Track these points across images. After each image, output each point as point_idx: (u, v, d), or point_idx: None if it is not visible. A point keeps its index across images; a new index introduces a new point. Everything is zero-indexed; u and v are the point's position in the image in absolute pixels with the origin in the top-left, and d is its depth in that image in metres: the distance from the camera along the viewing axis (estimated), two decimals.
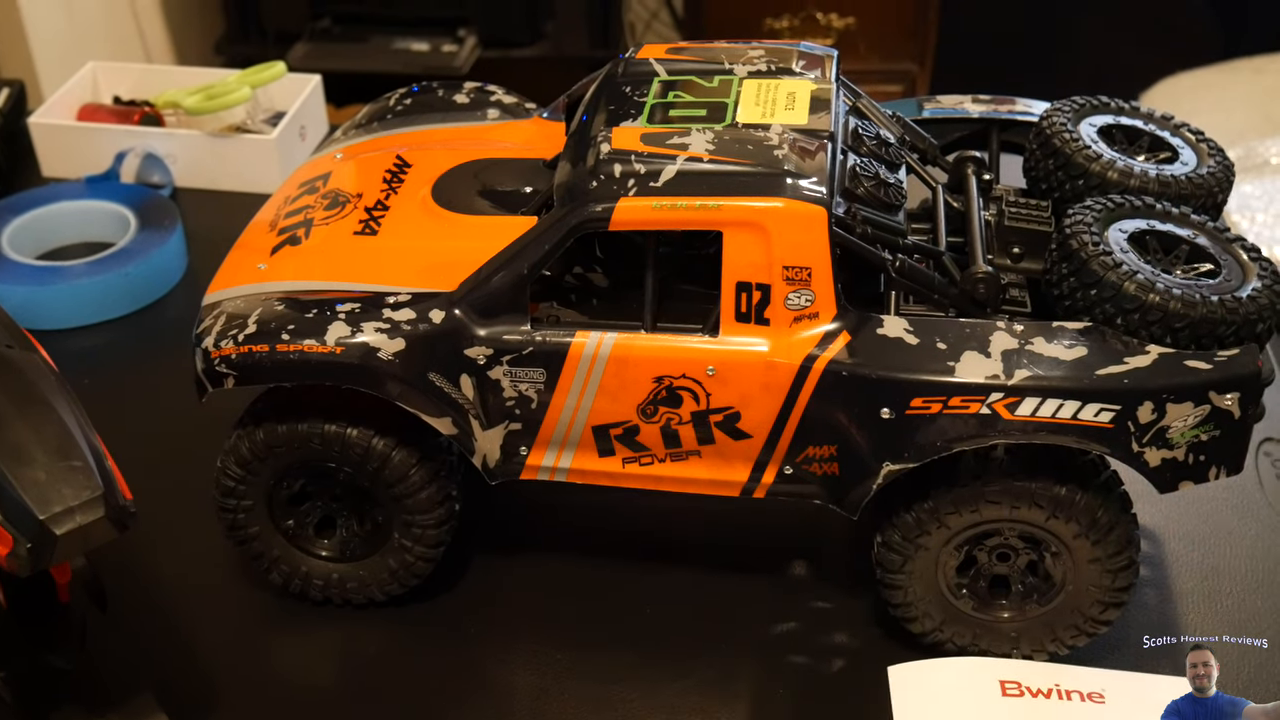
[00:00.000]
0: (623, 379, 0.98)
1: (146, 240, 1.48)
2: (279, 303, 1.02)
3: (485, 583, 1.13)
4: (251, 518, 1.06)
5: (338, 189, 1.13)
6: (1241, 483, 1.18)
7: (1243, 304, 0.93)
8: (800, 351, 0.96)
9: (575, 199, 0.97)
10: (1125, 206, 1.01)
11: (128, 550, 1.06)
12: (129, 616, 1.06)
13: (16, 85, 1.78)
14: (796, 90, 1.04)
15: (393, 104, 1.28)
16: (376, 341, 0.98)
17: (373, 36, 2.87)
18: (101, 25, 2.58)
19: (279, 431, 1.02)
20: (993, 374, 0.93)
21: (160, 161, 1.62)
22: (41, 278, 1.43)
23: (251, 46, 2.83)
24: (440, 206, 1.09)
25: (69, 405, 0.90)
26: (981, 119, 1.20)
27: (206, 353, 1.01)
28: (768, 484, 1.01)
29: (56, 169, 1.67)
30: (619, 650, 1.06)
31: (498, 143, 1.19)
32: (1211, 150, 1.11)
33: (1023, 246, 1.06)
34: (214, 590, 1.13)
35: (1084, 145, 1.08)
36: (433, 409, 0.99)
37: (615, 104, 1.04)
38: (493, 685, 1.05)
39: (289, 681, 1.06)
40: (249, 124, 1.64)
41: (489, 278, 0.99)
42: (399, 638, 1.08)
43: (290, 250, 1.08)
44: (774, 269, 0.95)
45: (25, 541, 0.82)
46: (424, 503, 1.03)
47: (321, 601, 1.09)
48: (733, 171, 0.96)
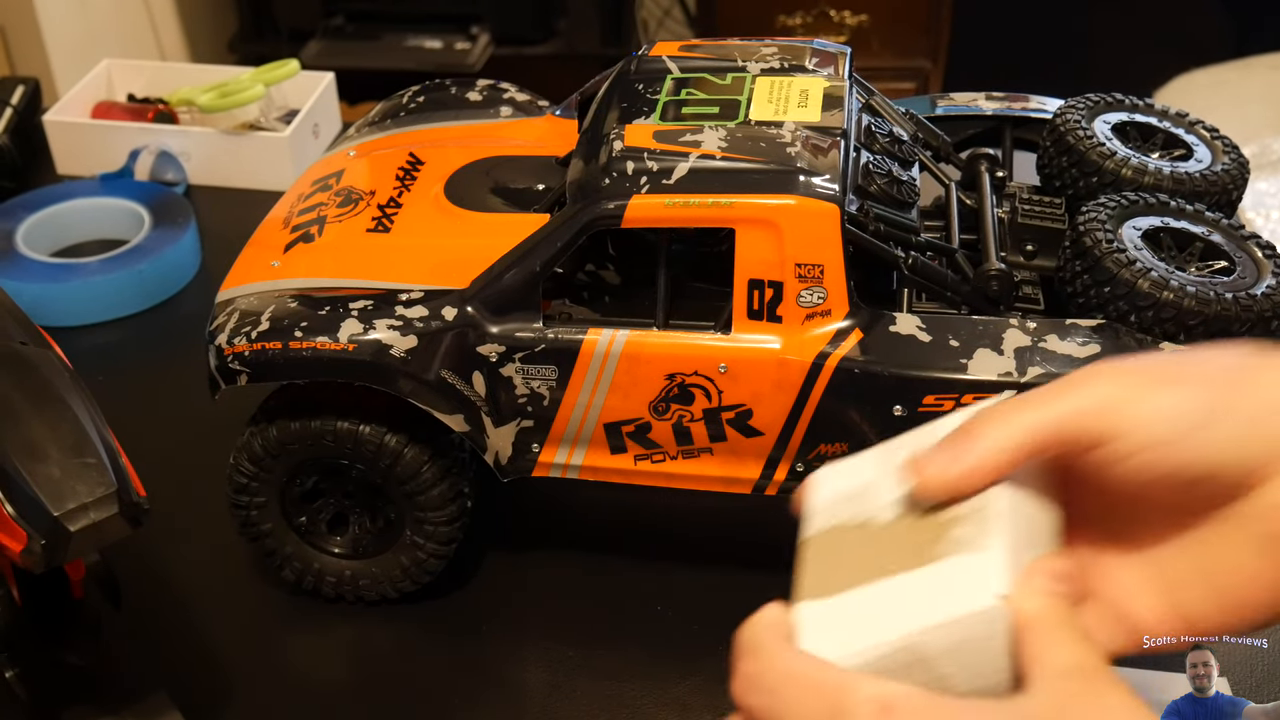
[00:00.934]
0: (635, 376, 0.98)
1: (160, 237, 1.48)
2: (292, 300, 1.02)
3: (497, 580, 1.13)
4: (264, 515, 1.06)
5: (351, 186, 1.13)
6: None
7: (1257, 301, 0.93)
8: (812, 349, 0.96)
9: (587, 196, 0.97)
10: (1139, 204, 1.01)
11: (141, 547, 1.06)
12: (142, 613, 1.06)
13: (31, 83, 1.79)
14: (809, 88, 1.04)
15: (405, 101, 1.28)
16: (389, 339, 0.98)
17: (386, 34, 2.87)
18: (116, 23, 2.59)
19: (292, 428, 1.02)
20: (1005, 371, 0.93)
21: (174, 159, 1.63)
22: (56, 275, 1.44)
23: (265, 44, 2.84)
24: (453, 204, 1.09)
25: (83, 402, 0.90)
26: (995, 116, 1.20)
27: (220, 350, 1.01)
28: (780, 481, 1.01)
29: (71, 166, 1.68)
30: (630, 647, 1.06)
31: (510, 140, 1.19)
32: (1226, 147, 1.10)
33: (1036, 244, 1.06)
34: (227, 587, 1.13)
35: (1098, 142, 1.08)
36: (445, 406, 1.00)
37: (628, 101, 1.04)
38: (505, 682, 1.05)
39: (301, 677, 1.07)
40: (262, 122, 1.64)
41: (501, 275, 0.99)
42: (411, 634, 1.08)
43: (303, 247, 1.08)
44: (786, 266, 0.95)
45: (39, 538, 0.82)
46: (436, 500, 1.03)
47: (334, 598, 1.10)
48: (745, 169, 0.95)
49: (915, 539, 0.61)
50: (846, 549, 0.63)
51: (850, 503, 0.65)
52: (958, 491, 0.60)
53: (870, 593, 0.60)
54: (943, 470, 0.60)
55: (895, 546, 0.61)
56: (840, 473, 0.67)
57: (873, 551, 0.62)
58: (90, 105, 1.71)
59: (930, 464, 0.61)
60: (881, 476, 0.65)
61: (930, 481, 0.60)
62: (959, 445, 0.60)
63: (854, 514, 0.64)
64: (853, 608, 0.60)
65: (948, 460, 0.60)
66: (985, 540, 0.58)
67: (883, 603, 0.59)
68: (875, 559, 0.61)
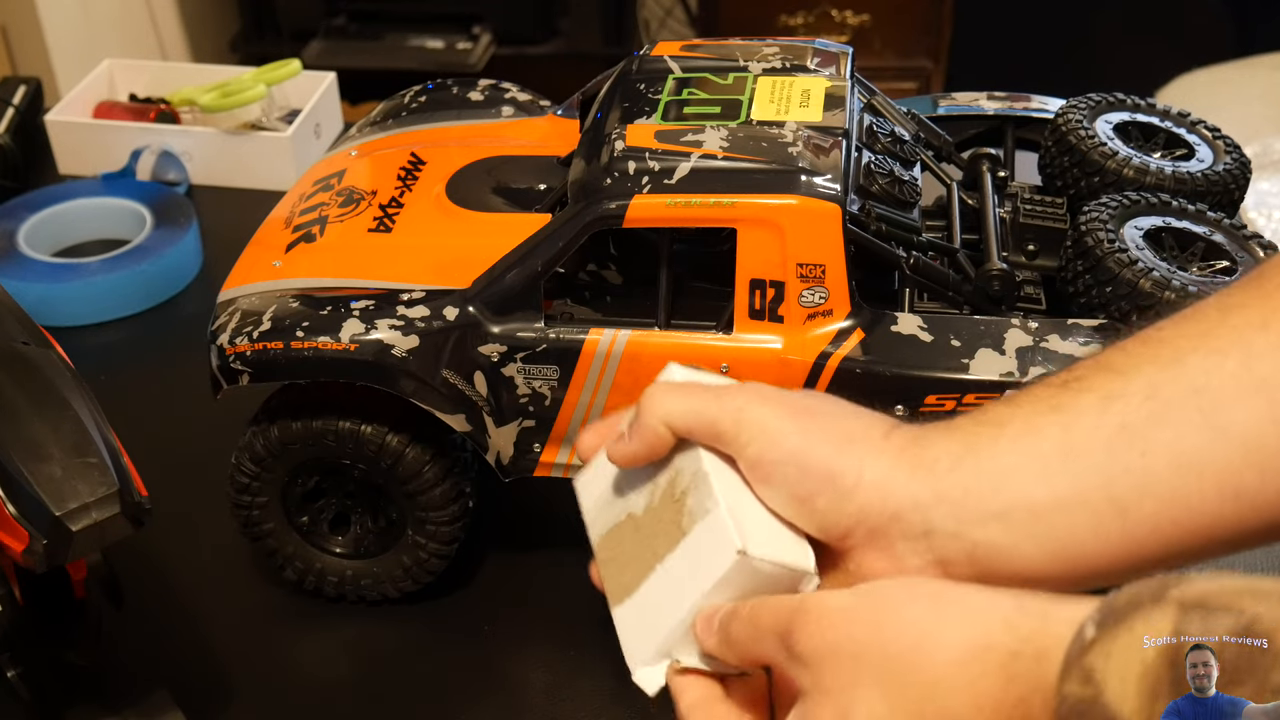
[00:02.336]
0: (636, 376, 0.98)
1: (162, 237, 1.48)
2: (294, 300, 1.02)
3: (499, 579, 1.13)
4: (266, 514, 1.06)
5: (352, 186, 1.13)
6: None
7: None
8: (814, 349, 0.96)
9: (589, 196, 0.97)
10: (1141, 203, 1.01)
11: (143, 547, 1.07)
12: (144, 613, 1.06)
13: (33, 83, 1.79)
14: (811, 87, 1.04)
15: (407, 101, 1.28)
16: (390, 338, 0.98)
17: (387, 34, 2.88)
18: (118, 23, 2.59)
19: (293, 428, 1.02)
20: (1007, 371, 0.93)
21: (176, 159, 1.63)
22: (57, 274, 1.44)
23: (267, 44, 2.84)
24: (454, 204, 1.09)
25: (85, 402, 0.90)
26: (996, 116, 1.20)
27: (221, 349, 1.01)
28: None
29: (72, 166, 1.68)
30: None
31: (512, 140, 1.19)
32: (1228, 147, 1.10)
33: (1038, 243, 1.06)
34: (229, 587, 1.13)
35: (1100, 142, 1.08)
36: (446, 406, 1.00)
37: (629, 101, 1.04)
38: (506, 682, 1.05)
39: (303, 677, 1.07)
40: (264, 121, 1.64)
41: (503, 275, 0.99)
42: (413, 634, 1.08)
43: (305, 247, 1.08)
44: (788, 266, 0.95)
45: (41, 538, 0.82)
46: (437, 499, 1.03)
47: (335, 598, 1.10)
48: (747, 169, 0.95)
49: (667, 517, 0.68)
50: (625, 545, 0.70)
51: (611, 504, 0.71)
52: (639, 459, 0.69)
53: (654, 582, 0.68)
54: (626, 449, 0.69)
55: (656, 530, 0.68)
56: (593, 478, 0.73)
57: (643, 541, 0.69)
58: (92, 105, 1.71)
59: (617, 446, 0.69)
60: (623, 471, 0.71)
61: (618, 458, 0.69)
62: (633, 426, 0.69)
63: (617, 513, 0.71)
64: (647, 601, 0.68)
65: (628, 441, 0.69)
66: (708, 502, 0.65)
67: (665, 587, 0.67)
68: (647, 547, 0.69)
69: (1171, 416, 0.61)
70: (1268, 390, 0.59)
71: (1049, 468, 0.62)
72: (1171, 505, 0.60)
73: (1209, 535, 0.61)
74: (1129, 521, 0.61)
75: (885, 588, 0.60)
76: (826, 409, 0.68)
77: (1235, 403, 0.60)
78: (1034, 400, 0.65)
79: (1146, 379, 0.62)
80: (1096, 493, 0.61)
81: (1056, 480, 0.62)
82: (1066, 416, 0.63)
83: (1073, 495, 0.62)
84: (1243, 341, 0.61)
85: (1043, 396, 0.65)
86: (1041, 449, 0.63)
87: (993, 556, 0.63)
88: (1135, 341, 0.65)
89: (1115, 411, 0.62)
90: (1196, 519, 0.60)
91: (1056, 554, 0.62)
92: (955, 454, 0.64)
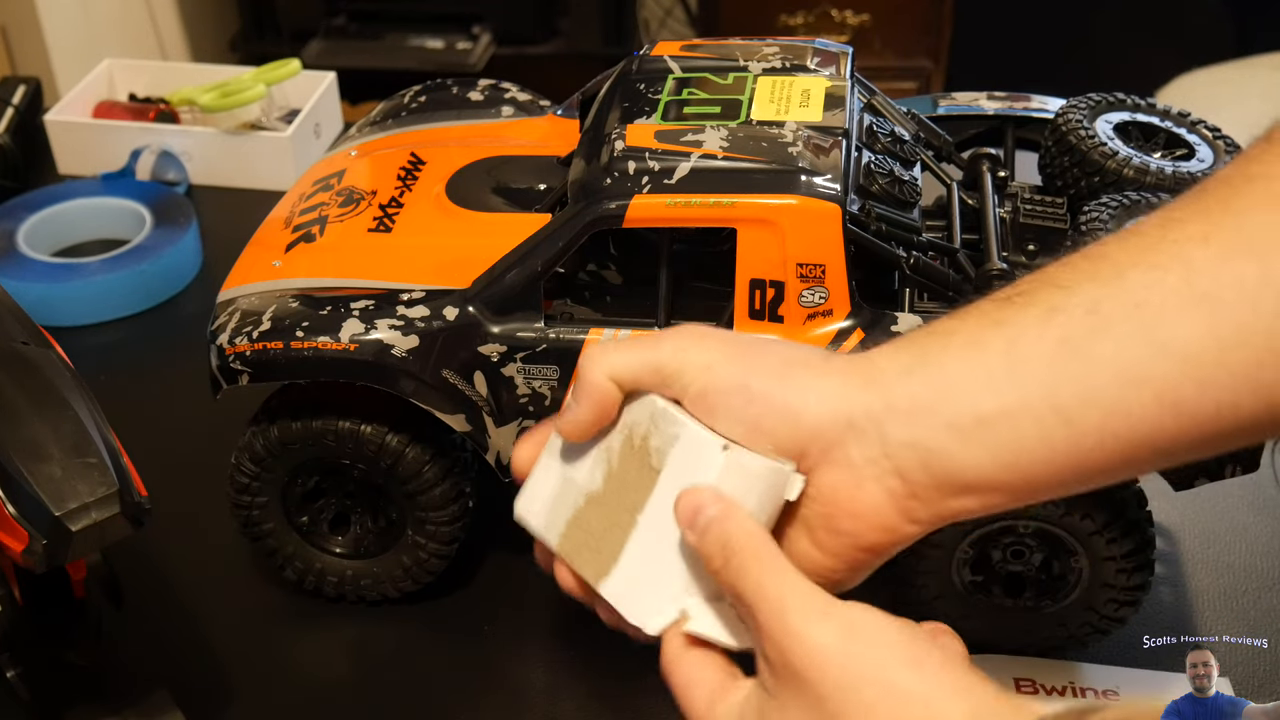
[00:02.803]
0: None
1: (162, 237, 1.48)
2: (293, 300, 1.02)
3: (499, 579, 1.13)
4: (266, 514, 1.06)
5: (352, 186, 1.13)
6: (1258, 480, 1.18)
7: None
8: None
9: (589, 196, 0.97)
10: (1141, 203, 1.01)
11: (143, 547, 1.07)
12: (144, 613, 1.06)
13: (33, 82, 1.79)
14: (811, 87, 1.04)
15: (407, 101, 1.28)
16: (390, 338, 0.98)
17: (387, 34, 2.88)
18: (117, 23, 2.59)
19: (293, 428, 1.02)
20: None
21: (175, 159, 1.63)
22: (57, 274, 1.44)
23: (266, 44, 2.84)
24: (454, 203, 1.09)
25: (85, 402, 0.90)
26: (997, 116, 1.20)
27: (221, 349, 1.01)
28: None
29: (72, 166, 1.68)
30: (632, 648, 1.06)
31: (512, 140, 1.19)
32: (1228, 147, 1.10)
33: (1038, 243, 1.06)
34: (229, 587, 1.13)
35: (1100, 142, 1.08)
36: (446, 406, 1.00)
37: (629, 101, 1.03)
38: (506, 682, 1.05)
39: (302, 677, 1.07)
40: (264, 121, 1.64)
41: (503, 275, 0.99)
42: (413, 634, 1.08)
43: (305, 247, 1.08)
44: (788, 266, 0.95)
45: (41, 538, 0.82)
46: (437, 500, 1.03)
47: (335, 598, 1.10)
48: (747, 169, 0.95)
49: (633, 469, 0.67)
50: (593, 525, 0.69)
51: (564, 500, 0.71)
52: (593, 427, 0.69)
53: (639, 536, 0.67)
54: (575, 415, 0.69)
55: (625, 488, 0.68)
56: (535, 491, 0.73)
57: (613, 507, 0.68)
58: (92, 105, 1.71)
59: (564, 417, 0.70)
60: (564, 465, 0.71)
61: (569, 430, 0.70)
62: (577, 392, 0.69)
63: (573, 503, 0.70)
64: (638, 557, 0.67)
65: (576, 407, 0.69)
66: (674, 429, 0.65)
67: (653, 533, 0.66)
68: (620, 509, 0.68)
69: (1113, 330, 0.62)
70: (1207, 304, 0.60)
71: (994, 378, 0.63)
72: (1113, 416, 0.62)
73: (1151, 446, 0.62)
74: (1074, 430, 0.62)
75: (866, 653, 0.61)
76: (766, 342, 0.71)
77: (1175, 317, 0.61)
78: (979, 314, 0.66)
79: (1088, 294, 0.63)
80: (1041, 403, 0.62)
81: (1003, 390, 0.63)
82: (1011, 330, 0.64)
83: (1019, 405, 0.63)
84: (1183, 256, 0.62)
85: (988, 311, 0.66)
86: (987, 360, 0.64)
87: (946, 465, 0.64)
88: (1079, 257, 0.66)
89: (1057, 324, 0.63)
90: (1138, 430, 0.62)
91: (1008, 463, 0.63)
92: (903, 364, 0.66)
